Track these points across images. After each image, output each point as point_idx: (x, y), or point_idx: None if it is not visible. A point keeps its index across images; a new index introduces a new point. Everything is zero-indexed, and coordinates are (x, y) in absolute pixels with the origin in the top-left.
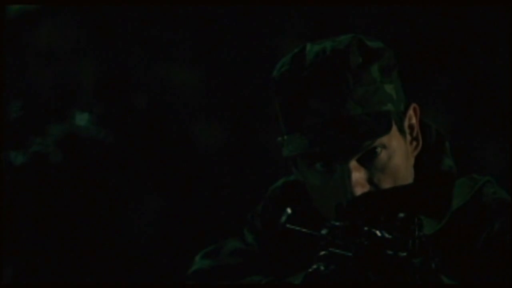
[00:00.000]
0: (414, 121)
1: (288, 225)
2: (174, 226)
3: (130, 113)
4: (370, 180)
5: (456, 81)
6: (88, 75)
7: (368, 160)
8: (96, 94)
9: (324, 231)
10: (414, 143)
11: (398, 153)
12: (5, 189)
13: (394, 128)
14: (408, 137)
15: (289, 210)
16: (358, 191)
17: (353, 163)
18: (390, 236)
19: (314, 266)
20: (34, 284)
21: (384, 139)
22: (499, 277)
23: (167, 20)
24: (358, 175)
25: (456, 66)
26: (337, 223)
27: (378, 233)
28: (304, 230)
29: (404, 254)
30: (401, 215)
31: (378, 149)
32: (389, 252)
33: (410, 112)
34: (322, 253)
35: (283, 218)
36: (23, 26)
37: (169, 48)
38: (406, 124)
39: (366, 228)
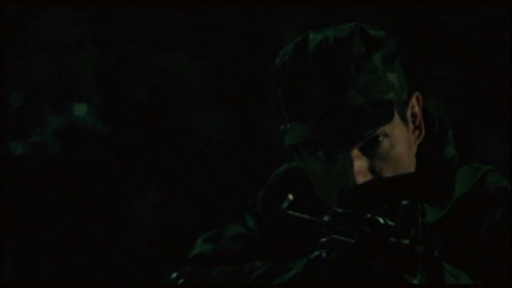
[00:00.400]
0: (416, 109)
1: (289, 212)
2: (174, 218)
3: (130, 104)
4: (371, 169)
5: (457, 71)
6: (89, 65)
7: (370, 149)
8: (97, 85)
9: (326, 218)
10: (417, 131)
11: (400, 142)
12: (5, 180)
13: (397, 116)
14: (411, 126)
15: (290, 197)
16: (360, 179)
17: (355, 152)
18: (393, 224)
19: (316, 253)
20: (34, 284)
21: (386, 128)
22: (500, 265)
23: (168, 11)
24: (360, 163)
25: (456, 56)
26: (340, 210)
27: (381, 220)
28: (305, 216)
29: (407, 241)
30: (404, 202)
31: (380, 138)
32: (392, 239)
33: (413, 101)
34: (324, 239)
35: (285, 205)
36: (24, 18)
37: (170, 38)
38: (408, 112)
39: (369, 215)
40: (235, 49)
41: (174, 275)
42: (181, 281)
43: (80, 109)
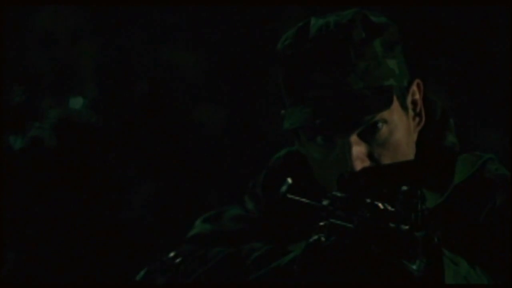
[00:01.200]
0: (417, 96)
1: (288, 195)
2: (172, 210)
3: (129, 97)
4: (370, 155)
5: (456, 62)
6: (88, 59)
7: (369, 135)
8: (96, 78)
9: (325, 202)
10: (417, 119)
11: (399, 129)
12: (5, 174)
13: (396, 103)
14: (411, 113)
15: (289, 180)
16: (358, 165)
17: (353, 137)
18: (392, 209)
19: (315, 237)
20: (34, 284)
21: (385, 114)
22: (499, 252)
23: (167, 3)
24: (358, 149)
25: (456, 47)
26: (339, 194)
27: (380, 205)
28: (304, 200)
29: (407, 227)
30: (404, 188)
31: (379, 124)
32: (392, 225)
33: (414, 87)
34: (323, 223)
35: (284, 188)
36: (22, 12)
37: (169, 31)
38: (409, 99)
39: (368, 200)
40: (234, 42)
41: (171, 254)
42: (178, 260)
43: (76, 103)
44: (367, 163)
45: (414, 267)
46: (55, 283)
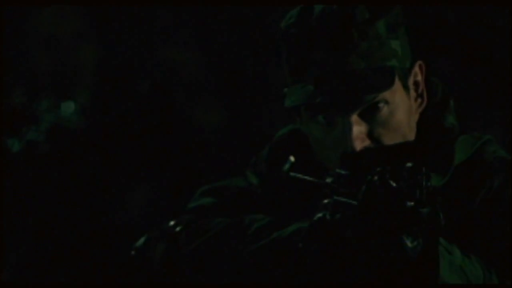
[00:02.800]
0: (419, 78)
1: (291, 173)
2: (169, 213)
3: (130, 97)
4: (370, 135)
5: (457, 62)
6: (88, 61)
7: (370, 115)
8: (96, 79)
9: (329, 180)
10: (419, 100)
11: (400, 109)
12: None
13: (398, 84)
14: (413, 94)
15: (292, 158)
16: (358, 145)
17: (354, 117)
18: (397, 186)
19: (319, 215)
20: (34, 284)
21: (386, 95)
22: (495, 234)
23: (167, 3)
24: (358, 129)
25: (457, 47)
26: (343, 172)
27: (385, 182)
28: (308, 178)
29: (412, 203)
30: (409, 164)
31: (381, 104)
32: (397, 201)
33: (416, 69)
34: (327, 201)
35: (286, 166)
36: (23, 14)
37: (169, 31)
38: (411, 80)
39: (373, 178)
40: (234, 42)
41: (172, 222)
42: (178, 228)
43: (67, 107)
44: (367, 143)
45: (410, 245)
46: (51, 284)
